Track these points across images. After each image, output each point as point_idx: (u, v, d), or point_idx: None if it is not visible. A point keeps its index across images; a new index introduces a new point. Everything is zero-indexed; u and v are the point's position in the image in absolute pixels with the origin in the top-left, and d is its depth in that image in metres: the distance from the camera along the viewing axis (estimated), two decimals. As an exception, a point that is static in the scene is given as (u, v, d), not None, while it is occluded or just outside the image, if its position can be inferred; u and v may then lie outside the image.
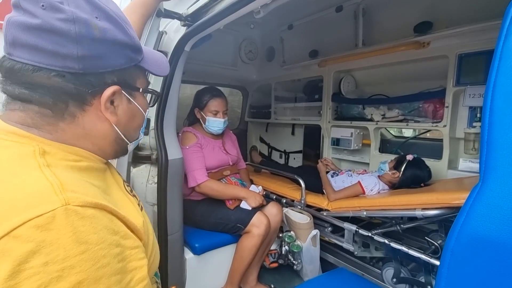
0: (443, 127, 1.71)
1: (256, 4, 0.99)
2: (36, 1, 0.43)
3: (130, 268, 0.43)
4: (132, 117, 0.58)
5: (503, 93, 0.49)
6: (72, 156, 0.49)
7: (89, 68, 0.47)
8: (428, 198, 1.36)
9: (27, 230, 0.34)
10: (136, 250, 0.45)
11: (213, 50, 2.46)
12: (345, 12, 2.06)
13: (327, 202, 1.79)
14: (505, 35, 0.51)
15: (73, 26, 0.43)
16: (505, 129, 0.48)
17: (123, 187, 0.63)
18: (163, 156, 1.31)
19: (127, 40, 0.51)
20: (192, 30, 1.22)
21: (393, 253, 1.48)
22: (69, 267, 0.35)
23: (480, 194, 0.50)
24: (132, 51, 0.53)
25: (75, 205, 0.38)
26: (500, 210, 0.47)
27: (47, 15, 0.42)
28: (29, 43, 0.43)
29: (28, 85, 0.45)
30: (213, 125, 1.72)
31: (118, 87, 0.51)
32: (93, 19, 0.46)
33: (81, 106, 0.49)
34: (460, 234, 0.51)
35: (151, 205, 1.39)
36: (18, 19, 0.43)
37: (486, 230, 0.48)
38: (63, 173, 0.43)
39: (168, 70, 0.65)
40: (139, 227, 0.50)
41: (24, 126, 0.46)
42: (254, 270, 1.74)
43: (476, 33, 1.51)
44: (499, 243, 0.46)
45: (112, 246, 0.40)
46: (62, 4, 0.44)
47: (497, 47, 0.52)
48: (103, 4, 0.48)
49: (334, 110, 2.36)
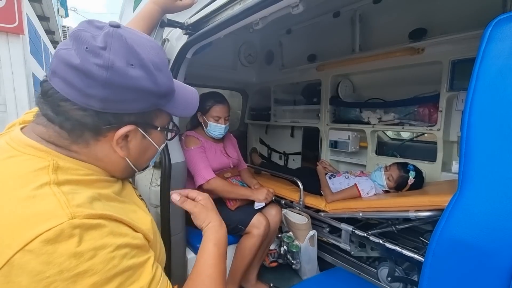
0: (437, 131, 1.77)
1: (256, 17, 1.04)
2: (82, 43, 0.48)
3: (140, 263, 0.48)
4: (144, 151, 0.61)
5: (479, 110, 0.54)
6: (83, 170, 0.53)
7: (109, 109, 0.51)
8: (421, 200, 1.42)
9: (38, 244, 0.39)
10: (144, 248, 0.51)
11: (214, 53, 2.50)
12: (342, 18, 2.11)
13: (325, 203, 1.84)
14: (482, 57, 0.56)
15: (105, 72, 0.47)
16: (480, 143, 0.53)
17: (134, 192, 0.68)
18: (166, 160, 1.36)
19: (154, 89, 0.53)
20: (194, 39, 1.26)
21: (388, 253, 1.54)
22: (83, 272, 0.40)
23: (458, 201, 0.55)
24: (157, 97, 0.55)
25: (81, 218, 0.42)
26: (475, 217, 0.52)
27: (87, 59, 0.47)
28: (65, 77, 0.48)
29: (54, 109, 0.50)
30: (214, 130, 1.77)
31: (133, 126, 0.55)
32: (127, 67, 0.49)
33: (96, 137, 0.53)
34: (440, 237, 0.56)
35: (155, 207, 1.44)
36: (63, 53, 0.48)
37: (462, 234, 0.53)
38: (71, 190, 0.47)
39: (193, 112, 0.65)
40: (146, 228, 0.55)
41: (44, 140, 0.52)
42: (254, 269, 1.79)
43: (469, 40, 1.56)
44: (474, 246, 0.51)
45: (120, 247, 0.45)
46: (103, 50, 0.48)
47: (474, 67, 0.57)
48: (142, 53, 0.51)
49: (332, 113, 2.40)
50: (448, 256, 0.55)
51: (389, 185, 1.71)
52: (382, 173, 1.75)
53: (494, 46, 0.54)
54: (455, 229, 0.54)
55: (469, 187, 0.53)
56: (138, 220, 0.54)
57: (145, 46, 0.53)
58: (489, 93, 0.53)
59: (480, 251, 0.51)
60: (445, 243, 0.56)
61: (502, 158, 0.50)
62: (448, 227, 0.55)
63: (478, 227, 0.51)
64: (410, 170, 1.64)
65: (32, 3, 5.63)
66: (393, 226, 1.59)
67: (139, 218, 0.56)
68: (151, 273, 0.49)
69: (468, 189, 0.53)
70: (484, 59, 0.55)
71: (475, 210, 0.52)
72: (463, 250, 0.53)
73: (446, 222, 0.56)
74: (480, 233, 0.50)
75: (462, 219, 0.53)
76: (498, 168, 0.50)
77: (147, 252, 0.51)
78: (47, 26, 7.40)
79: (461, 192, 0.55)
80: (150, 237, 0.55)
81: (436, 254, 0.57)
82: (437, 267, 0.56)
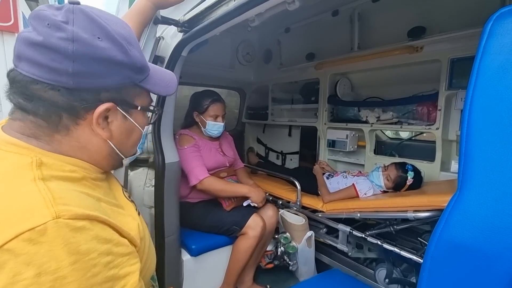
0: (436, 130, 1.75)
1: (251, 13, 1.02)
2: (42, 20, 0.46)
3: (122, 274, 0.45)
4: (127, 133, 0.59)
5: (479, 108, 0.52)
6: (68, 167, 0.51)
7: (82, 85, 0.48)
8: (419, 200, 1.40)
9: (19, 243, 0.36)
10: (129, 257, 0.47)
11: (211, 52, 2.48)
12: (341, 16, 2.09)
13: (322, 203, 1.82)
14: (482, 52, 0.53)
15: (71, 44, 0.46)
16: (481, 142, 0.51)
17: (122, 194, 0.65)
18: (160, 160, 1.34)
19: (127, 60, 0.51)
20: (189, 36, 1.24)
21: (386, 254, 1.52)
22: (61, 278, 0.37)
23: (457, 202, 0.53)
24: (132, 71, 0.54)
25: (66, 218, 0.40)
26: (475, 218, 0.50)
27: (49, 33, 0.46)
28: (30, 58, 0.46)
29: (26, 96, 0.48)
30: (213, 128, 1.75)
31: (112, 104, 0.52)
32: (94, 39, 0.48)
33: (74, 120, 0.51)
34: (439, 240, 0.54)
35: (149, 207, 1.41)
36: (25, 35, 0.47)
37: (462, 236, 0.51)
38: (57, 186, 0.45)
39: (173, 90, 0.64)
40: (133, 234, 0.52)
41: (24, 136, 0.49)
42: (250, 271, 1.77)
43: (468, 39, 1.54)
44: (474, 248, 0.49)
45: (103, 255, 0.42)
46: (66, 24, 0.46)
47: (474, 63, 0.55)
48: (108, 25, 0.50)
49: (330, 112, 2.38)
50: (447, 259, 0.53)
51: (387, 185, 1.68)
52: (380, 173, 1.72)
53: (495, 41, 0.52)
54: (455, 231, 0.52)
55: (469, 188, 0.51)
56: (125, 224, 0.52)
57: (111, 20, 0.52)
58: (490, 90, 0.51)
59: (481, 254, 0.48)
60: (444, 246, 0.53)
61: (504, 156, 0.48)
62: (447, 229, 0.53)
63: (478, 229, 0.49)
64: (408, 170, 1.61)
65: (28, 2, 5.60)
66: (391, 227, 1.57)
67: (126, 223, 0.53)
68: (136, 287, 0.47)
69: (468, 189, 0.51)
70: (485, 55, 0.53)
71: (475, 211, 0.50)
72: (462, 253, 0.51)
73: (445, 224, 0.54)
74: (481, 236, 0.48)
75: (462, 221, 0.51)
76: (500, 167, 0.48)
77: (132, 261, 0.48)
78: (45, 25, 7.36)
79: (460, 192, 0.53)
80: (137, 242, 0.53)
81: (435, 257, 0.55)
82: (436, 270, 0.54)
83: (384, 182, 1.69)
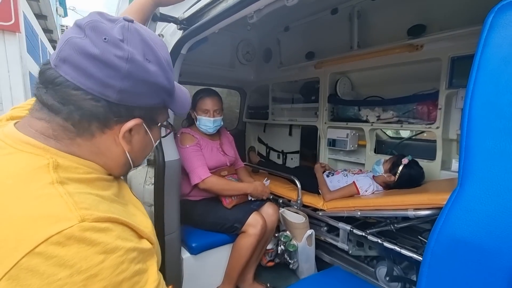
0: (436, 129, 1.74)
1: (250, 10, 1.01)
2: (101, 33, 0.47)
3: (146, 267, 0.47)
4: (144, 147, 0.62)
5: (480, 102, 0.51)
6: (83, 169, 0.51)
7: (124, 101, 0.50)
8: (420, 198, 1.39)
9: (48, 246, 0.37)
10: (149, 252, 0.50)
11: (211, 51, 2.48)
12: (341, 15, 2.08)
13: (322, 202, 1.82)
14: (483, 44, 0.53)
15: (126, 64, 0.47)
16: (482, 137, 0.50)
17: (130, 192, 0.66)
18: (160, 158, 1.33)
19: (167, 85, 0.55)
20: (188, 33, 1.24)
21: (386, 252, 1.51)
22: (93, 276, 0.39)
23: (458, 197, 0.52)
24: (167, 94, 0.57)
25: (90, 221, 0.41)
26: (476, 213, 0.49)
27: (107, 49, 0.46)
28: (80, 65, 0.46)
29: (62, 100, 0.47)
30: (203, 124, 1.74)
31: (141, 120, 0.55)
32: (145, 61, 0.50)
33: (102, 129, 0.52)
34: (439, 236, 0.54)
35: (149, 206, 1.41)
36: (78, 42, 0.46)
37: (462, 232, 0.50)
38: (75, 190, 0.45)
39: (188, 110, 0.68)
40: (148, 231, 0.53)
41: (43, 136, 0.49)
42: (251, 269, 1.76)
43: (468, 36, 1.54)
44: (474, 244, 0.49)
45: (128, 252, 0.44)
46: (122, 42, 0.48)
47: (475, 57, 0.54)
48: (157, 49, 0.52)
49: (330, 111, 2.38)
50: (447, 255, 0.52)
51: (384, 167, 1.74)
52: (381, 160, 1.79)
53: (496, 33, 0.52)
54: (455, 226, 0.51)
55: (470, 182, 0.50)
56: (141, 223, 0.53)
57: (158, 43, 0.54)
58: (491, 83, 0.51)
59: (482, 250, 0.48)
60: (445, 241, 0.53)
61: (505, 150, 0.47)
62: (447, 225, 0.53)
63: (479, 224, 0.49)
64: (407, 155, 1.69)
65: (29, 1, 5.60)
66: (392, 225, 1.57)
67: (141, 221, 0.55)
68: (157, 279, 0.48)
69: (469, 184, 0.51)
70: (486, 48, 0.52)
71: (476, 206, 0.49)
72: (463, 248, 0.50)
73: (445, 219, 0.53)
74: (482, 231, 0.48)
75: (463, 216, 0.51)
76: (501, 162, 0.47)
77: (152, 257, 0.50)
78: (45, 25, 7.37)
79: (461, 187, 0.52)
80: (152, 239, 0.54)
81: (435, 253, 0.54)
82: (436, 266, 0.54)
83: (382, 165, 1.75)
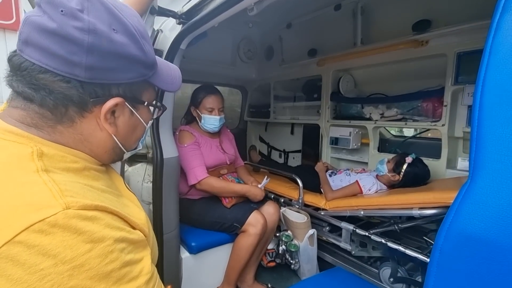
0: (442, 126, 1.70)
1: (250, 1, 0.98)
2: (56, 6, 0.43)
3: (139, 258, 0.45)
4: (133, 128, 0.58)
5: (493, 89, 0.48)
6: (69, 157, 0.49)
7: (96, 78, 0.46)
8: (425, 197, 1.35)
9: (30, 235, 0.35)
10: (141, 243, 0.48)
11: (212, 49, 2.46)
12: (344, 11, 2.05)
13: (324, 201, 1.78)
14: (495, 29, 0.50)
15: (87, 36, 0.43)
16: (494, 126, 0.47)
17: (124, 185, 0.64)
18: (158, 155, 1.31)
19: (141, 56, 0.50)
20: (187, 28, 1.21)
21: (390, 252, 1.47)
22: (79, 266, 0.37)
23: (469, 192, 0.49)
24: (144, 66, 0.52)
25: (76, 208, 0.39)
26: (488, 208, 0.46)
27: (64, 21, 0.43)
28: (41, 45, 0.43)
29: (32, 85, 0.45)
30: (208, 122, 1.72)
31: (121, 99, 0.51)
32: (110, 31, 0.46)
33: (81, 113, 0.49)
34: (448, 232, 0.50)
35: (147, 204, 1.38)
36: (35, 19, 0.43)
37: (474, 228, 0.47)
38: (61, 177, 0.43)
39: (177, 87, 0.63)
40: (142, 223, 0.51)
41: (24, 125, 0.46)
42: (251, 269, 1.73)
43: (475, 31, 1.50)
44: (487, 241, 0.45)
45: (118, 241, 0.41)
46: (81, 13, 0.43)
47: (487, 42, 0.51)
48: (124, 18, 0.48)
49: (333, 109, 2.34)
50: (457, 252, 0.49)
51: (388, 167, 1.70)
52: (384, 159, 1.75)
53: (509, 16, 0.48)
54: (466, 222, 0.48)
55: (482, 175, 0.47)
56: (133, 214, 0.50)
57: (126, 11, 0.49)
58: (504, 68, 0.47)
59: (494, 247, 0.45)
60: (454, 238, 0.50)
61: (520, 140, 0.44)
62: (457, 220, 0.49)
63: (492, 219, 0.45)
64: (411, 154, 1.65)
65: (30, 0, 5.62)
66: (396, 225, 1.53)
67: (134, 213, 0.52)
68: (150, 271, 0.46)
69: (480, 177, 0.47)
70: (498, 31, 0.49)
71: (488, 200, 0.46)
72: (474, 245, 0.47)
73: (455, 215, 0.50)
74: (495, 226, 0.44)
75: (474, 211, 0.47)
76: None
77: (144, 248, 0.48)
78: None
79: (472, 180, 0.49)
80: (146, 232, 0.51)
81: (444, 251, 0.51)
82: (445, 266, 0.50)
83: (386, 165, 1.71)
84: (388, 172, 1.69)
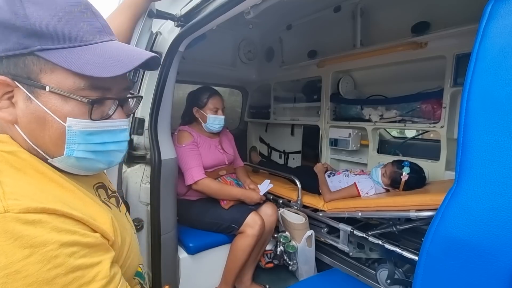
0: (441, 128, 1.70)
1: (246, 5, 0.99)
2: None
3: (94, 262, 0.42)
4: (38, 123, 0.45)
5: (478, 94, 0.49)
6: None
7: None
8: (422, 199, 1.35)
9: None
10: (98, 247, 0.44)
11: (212, 50, 2.47)
12: (343, 13, 2.05)
13: (323, 202, 1.79)
14: (482, 35, 0.50)
15: None
16: (480, 131, 0.47)
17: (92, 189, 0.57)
18: (156, 156, 1.32)
19: (14, 21, 0.40)
20: (185, 30, 1.22)
21: (388, 254, 1.48)
22: (14, 273, 0.34)
23: (454, 195, 0.49)
24: (23, 35, 0.41)
25: (16, 212, 0.36)
26: (472, 212, 0.46)
27: None
28: None
29: None
30: (214, 122, 1.74)
31: (5, 78, 0.42)
32: None
33: None
34: (435, 236, 0.51)
35: (145, 204, 1.40)
36: None
37: (459, 232, 0.47)
38: (11, 180, 0.40)
39: (115, 73, 0.44)
40: (106, 227, 0.48)
41: None
42: (249, 270, 1.74)
43: (474, 33, 1.47)
44: (471, 244, 0.46)
45: (65, 245, 0.39)
46: None
47: (474, 48, 0.52)
48: None
49: (333, 111, 2.35)
50: (443, 255, 0.50)
51: (384, 182, 1.66)
52: (379, 169, 1.70)
53: (495, 23, 0.49)
54: (451, 226, 0.49)
55: (467, 180, 0.48)
56: (98, 217, 0.47)
57: None
58: (490, 75, 0.48)
59: (479, 250, 0.45)
60: (440, 241, 0.50)
61: (504, 146, 0.44)
62: (443, 224, 0.50)
63: (477, 223, 0.46)
64: (404, 166, 1.58)
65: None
66: (394, 227, 1.53)
67: (96, 216, 0.47)
68: (108, 275, 0.43)
69: (465, 181, 0.48)
70: (485, 38, 0.50)
71: (473, 204, 0.46)
72: (460, 248, 0.48)
73: (441, 219, 0.51)
74: (479, 230, 0.45)
75: (459, 215, 0.48)
76: (500, 158, 0.45)
77: (105, 252, 0.45)
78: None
79: (458, 185, 0.49)
80: (109, 236, 0.47)
81: (431, 253, 0.51)
82: (432, 267, 0.51)
83: (381, 179, 1.67)
84: (384, 184, 1.67)
